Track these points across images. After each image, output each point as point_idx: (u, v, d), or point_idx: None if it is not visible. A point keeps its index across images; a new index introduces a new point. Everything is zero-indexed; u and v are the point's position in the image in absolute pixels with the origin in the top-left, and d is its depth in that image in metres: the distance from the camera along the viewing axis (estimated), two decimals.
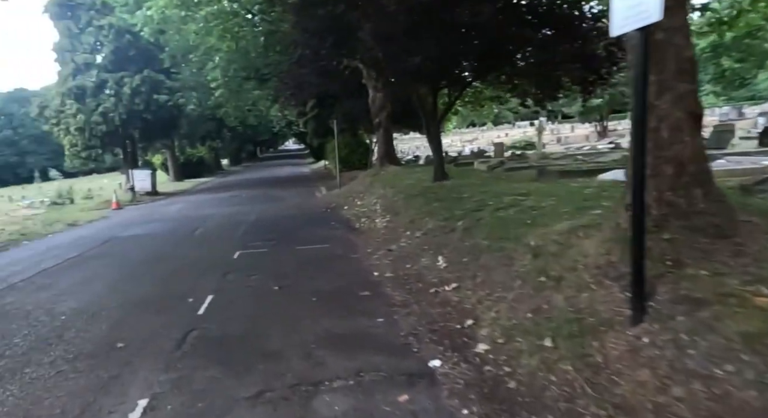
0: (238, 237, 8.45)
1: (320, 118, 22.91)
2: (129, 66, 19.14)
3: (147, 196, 19.87)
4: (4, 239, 9.88)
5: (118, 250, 8.12)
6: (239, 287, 5.18)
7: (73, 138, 19.77)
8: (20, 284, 5.96)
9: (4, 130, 75.40)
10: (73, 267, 6.83)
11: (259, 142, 63.93)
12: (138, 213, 14.57)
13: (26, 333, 4.06)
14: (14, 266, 7.22)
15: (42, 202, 20.91)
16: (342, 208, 11.45)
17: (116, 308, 4.67)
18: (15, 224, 11.81)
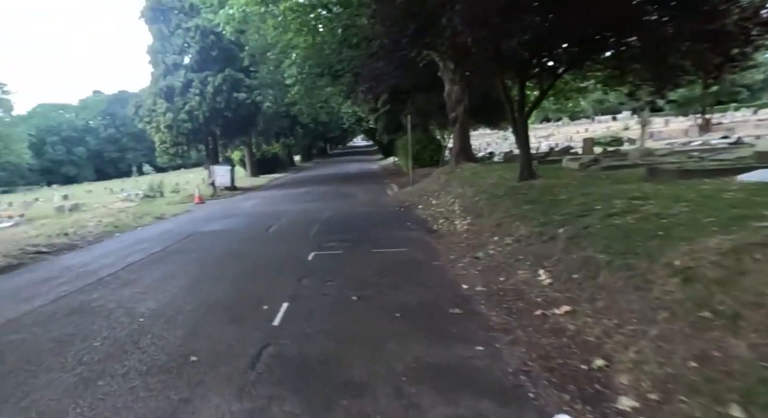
0: (311, 236, 8.20)
1: (392, 114, 22.51)
2: (212, 66, 19.98)
3: (226, 190, 20.71)
4: (101, 231, 10.49)
5: (197, 245, 8.20)
6: (315, 294, 4.79)
7: (163, 135, 21.06)
8: (107, 279, 6.07)
9: (108, 129, 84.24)
10: (156, 262, 6.92)
11: (329, 139, 65.39)
12: (217, 208, 15.07)
13: (105, 336, 3.93)
14: (105, 259, 7.50)
15: (137, 194, 22.66)
16: (416, 207, 10.90)
17: (192, 311, 4.47)
18: (111, 216, 12.63)
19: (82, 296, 5.27)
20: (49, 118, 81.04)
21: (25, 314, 4.76)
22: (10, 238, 9.50)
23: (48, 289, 5.78)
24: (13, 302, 5.27)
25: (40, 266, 7.57)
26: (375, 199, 13.63)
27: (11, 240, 9.10)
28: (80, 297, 5.24)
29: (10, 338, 4.04)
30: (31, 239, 9.28)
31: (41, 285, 6.03)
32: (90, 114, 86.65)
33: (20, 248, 8.30)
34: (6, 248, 8.16)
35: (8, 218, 15.39)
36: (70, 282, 6.03)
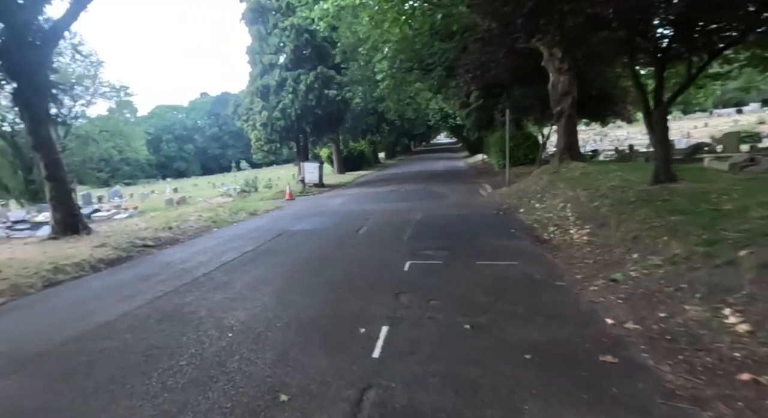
0: (405, 241, 7.54)
1: (484, 109, 21.21)
2: (305, 64, 20.31)
3: (315, 187, 20.98)
4: (200, 226, 10.83)
5: (287, 246, 7.94)
6: (418, 317, 4.07)
7: (258, 133, 21.93)
8: (202, 279, 5.93)
9: (212, 128, 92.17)
10: (247, 263, 6.71)
11: (414, 136, 64.96)
12: (306, 205, 15.12)
13: (192, 353, 3.57)
14: (202, 256, 7.52)
15: (234, 189, 23.94)
16: (517, 210, 9.78)
17: (282, 328, 3.99)
18: (210, 210, 13.13)
19: (176, 299, 5.10)
20: (164, 119, 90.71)
21: (122, 315, 4.65)
22: (123, 229, 10.11)
23: (147, 287, 5.76)
24: (114, 301, 5.26)
25: (145, 260, 7.80)
26: (468, 200, 12.65)
27: (124, 232, 9.65)
28: (174, 300, 5.07)
29: (103, 345, 3.86)
30: (140, 231, 9.77)
31: (142, 282, 6.05)
32: (198, 114, 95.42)
33: (130, 241, 8.70)
34: (118, 241, 8.59)
35: (125, 209, 16.91)
36: (167, 281, 5.98)
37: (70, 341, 4.01)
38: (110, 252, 7.91)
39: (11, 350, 3.91)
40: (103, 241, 8.55)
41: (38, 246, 8.24)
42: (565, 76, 12.69)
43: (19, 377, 3.35)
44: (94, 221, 14.37)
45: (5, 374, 3.42)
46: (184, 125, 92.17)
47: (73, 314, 4.91)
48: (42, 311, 5.16)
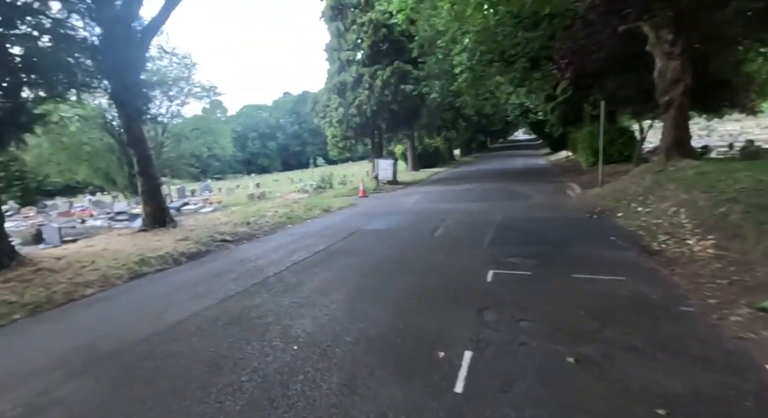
0: (485, 246, 6.85)
1: (571, 102, 19.51)
2: (381, 59, 20.08)
3: (388, 184, 20.70)
4: (276, 222, 10.95)
5: (359, 246, 7.61)
6: (507, 341, 3.45)
7: (335, 129, 22.15)
8: (272, 280, 5.76)
9: (293, 126, 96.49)
10: (318, 264, 6.46)
11: (490, 132, 62.66)
12: (380, 202, 14.83)
13: (255, 367, 3.28)
14: (274, 254, 7.43)
15: (311, 185, 24.49)
16: (614, 214, 8.62)
17: (351, 345, 3.58)
18: (286, 206, 13.32)
19: (245, 301, 4.93)
20: (250, 117, 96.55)
21: (192, 315, 4.55)
22: (205, 223, 10.48)
23: (220, 285, 5.70)
24: (187, 298, 5.24)
25: (222, 255, 7.91)
26: (554, 200, 11.53)
27: (206, 226, 9.98)
28: (244, 302, 4.91)
29: (170, 349, 3.72)
30: (220, 226, 10.06)
31: (216, 279, 6.03)
32: (280, 113, 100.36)
33: (210, 235, 8.93)
34: (199, 235, 8.85)
35: (210, 204, 17.88)
36: (239, 279, 5.90)
37: (141, 342, 3.93)
38: (191, 246, 8.13)
39: (87, 346, 3.92)
40: (187, 234, 8.85)
41: (130, 237, 8.74)
42: (676, 61, 11.03)
43: (86, 380, 3.28)
44: (183, 214, 15.34)
45: (76, 373, 3.37)
46: (268, 124, 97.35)
47: (149, 310, 4.93)
48: (123, 305, 5.27)
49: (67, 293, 5.62)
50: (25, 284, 5.61)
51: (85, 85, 8.14)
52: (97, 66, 7.55)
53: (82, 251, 7.54)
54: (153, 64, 22.79)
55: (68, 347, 3.92)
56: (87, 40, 7.91)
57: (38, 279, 5.86)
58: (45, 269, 6.24)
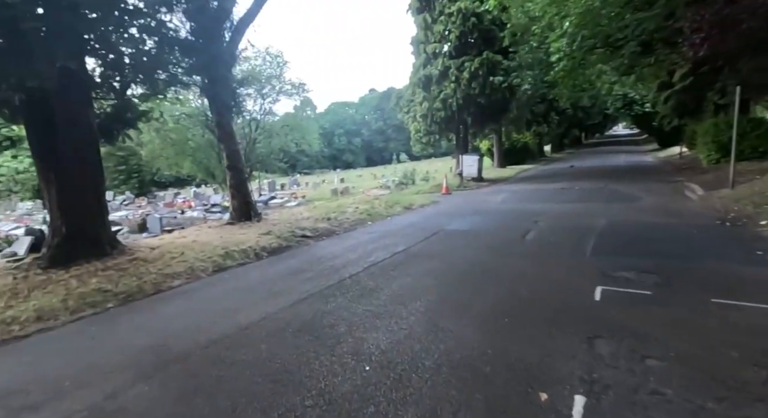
0: (589, 256, 5.92)
1: (692, 89, 17.02)
2: (469, 50, 19.15)
3: (473, 181, 19.80)
4: (356, 218, 10.77)
5: (441, 249, 7.05)
6: (632, 387, 2.70)
7: (418, 124, 21.66)
8: (348, 282, 5.44)
9: (378, 122, 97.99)
10: (396, 267, 6.02)
11: (586, 127, 57.93)
12: (464, 200, 14.08)
13: (320, 389, 2.91)
14: (352, 253, 7.16)
15: (393, 181, 24.31)
16: (755, 222, 7.12)
17: (431, 371, 3.07)
18: (367, 203, 13.15)
19: (319, 304, 4.64)
20: (337, 114, 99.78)
21: (264, 318, 4.35)
22: (288, 218, 10.62)
23: (295, 284, 5.51)
24: (263, 297, 5.10)
25: (301, 251, 7.84)
26: (669, 203, 9.96)
27: (288, 221, 10.09)
28: (317, 305, 4.62)
29: (237, 357, 3.51)
30: (302, 221, 10.11)
31: (292, 278, 5.88)
32: (366, 110, 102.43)
33: (291, 230, 8.96)
34: (281, 230, 8.92)
35: (295, 198, 18.41)
36: (314, 279, 5.67)
37: (211, 344, 3.79)
38: (273, 241, 8.17)
39: (161, 345, 3.86)
40: (270, 229, 8.96)
41: (218, 230, 9.07)
42: None
43: (153, 385, 3.15)
44: (270, 208, 15.92)
45: (145, 376, 3.27)
46: (354, 120, 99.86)
47: (224, 308, 4.85)
48: (202, 300, 5.27)
49: (156, 283, 5.81)
50: (120, 273, 5.90)
51: (181, 82, 8.54)
52: (191, 62, 7.85)
53: (175, 242, 7.91)
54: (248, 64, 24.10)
55: (144, 344, 3.90)
56: (183, 38, 8.27)
57: (132, 268, 6.15)
58: (139, 258, 6.57)
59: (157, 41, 8.55)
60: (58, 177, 6.42)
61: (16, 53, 4.24)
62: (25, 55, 4.36)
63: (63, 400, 2.96)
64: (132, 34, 8.33)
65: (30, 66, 4.37)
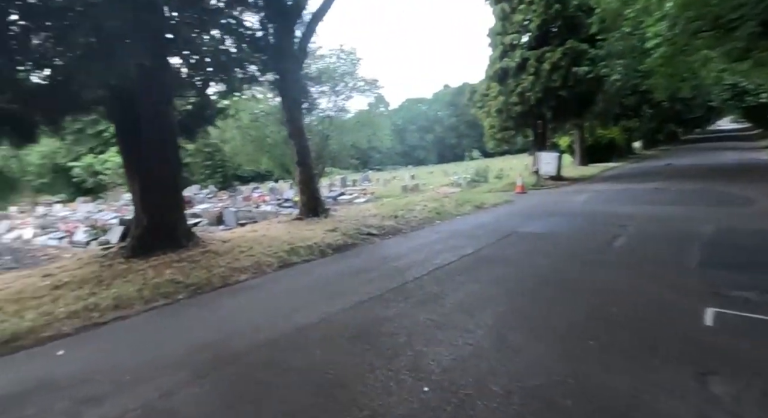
0: (694, 269, 5.06)
1: None
2: (551, 40, 17.88)
3: (550, 180, 18.54)
4: (424, 217, 10.42)
5: (513, 254, 6.47)
6: None
7: (492, 120, 20.73)
8: (410, 286, 5.12)
9: (451, 118, 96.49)
10: (463, 272, 5.59)
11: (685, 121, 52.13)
12: (540, 200, 13.13)
13: (375, 409, 2.64)
14: (417, 253, 6.83)
15: (464, 178, 23.56)
16: None
17: (500, 399, 2.66)
18: (436, 201, 12.73)
19: (378, 309, 4.38)
20: (410, 111, 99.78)
21: (322, 320, 4.18)
22: (355, 215, 10.54)
23: (357, 285, 5.31)
24: (323, 297, 4.95)
25: (366, 250, 7.66)
26: None
27: (354, 218, 10.00)
28: (377, 310, 4.37)
29: (290, 361, 3.36)
30: (368, 218, 9.96)
31: (354, 278, 5.69)
32: (439, 106, 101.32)
33: (357, 228, 8.83)
34: (347, 227, 8.82)
35: (363, 195, 18.43)
36: (376, 281, 5.42)
37: (266, 345, 3.68)
38: (338, 238, 8.09)
39: (218, 342, 3.83)
40: (336, 226, 8.91)
41: (286, 225, 9.21)
42: None
43: (205, 386, 3.09)
44: (339, 204, 16.06)
45: (199, 376, 3.23)
46: (426, 116, 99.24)
47: (284, 306, 4.78)
48: (265, 297, 5.25)
49: (224, 277, 5.92)
50: (192, 265, 6.11)
51: (255, 80, 8.75)
52: (263, 60, 8.00)
53: (245, 236, 8.12)
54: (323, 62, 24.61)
55: (204, 340, 3.90)
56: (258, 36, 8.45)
57: (204, 261, 6.35)
58: (211, 251, 6.79)
59: (235, 40, 8.81)
60: (141, 173, 6.84)
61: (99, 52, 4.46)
62: (107, 54, 4.58)
63: (122, 395, 2.98)
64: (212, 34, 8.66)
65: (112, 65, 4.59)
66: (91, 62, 4.43)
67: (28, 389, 3.15)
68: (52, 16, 4.50)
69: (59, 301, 4.80)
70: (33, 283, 5.41)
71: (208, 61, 8.37)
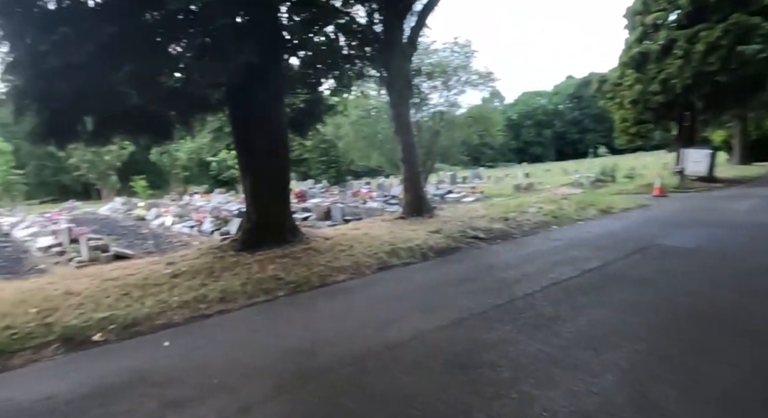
0: None
1: None
2: (709, 16, 14.98)
3: (699, 181, 15.72)
4: (538, 220, 9.40)
5: (655, 272, 5.33)
6: None
7: (626, 112, 18.24)
8: (519, 304, 4.44)
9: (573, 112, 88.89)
10: (587, 292, 4.71)
11: None
12: (685, 205, 11.08)
13: None
14: (529, 264, 6.03)
15: (587, 177, 21.23)
16: None
17: None
18: (553, 202, 11.47)
19: (480, 330, 3.82)
20: (527, 105, 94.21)
21: (414, 338, 3.76)
22: (461, 215, 9.91)
23: (456, 298, 4.79)
24: (419, 308, 4.54)
25: (470, 256, 7.07)
26: None
27: (460, 218, 9.39)
28: (477, 331, 3.81)
29: (374, 385, 3.00)
30: (476, 220, 9.28)
31: (454, 289, 5.17)
32: (560, 99, 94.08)
33: (462, 230, 8.25)
34: (452, 229, 8.29)
35: (472, 193, 17.55)
36: (480, 294, 4.83)
37: (352, 362, 3.37)
38: (441, 240, 7.61)
39: (305, 351, 3.64)
40: (440, 226, 8.43)
41: (389, 224, 8.97)
42: None
43: (285, 403, 2.89)
44: (447, 202, 15.48)
45: (281, 390, 3.04)
46: (545, 110, 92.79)
47: (377, 317, 4.46)
48: (359, 303, 5.01)
49: (323, 276, 5.85)
50: (294, 262, 6.16)
51: (365, 75, 8.65)
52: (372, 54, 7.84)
53: (348, 234, 8.07)
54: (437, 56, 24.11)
55: (292, 346, 3.76)
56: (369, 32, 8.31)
57: (305, 258, 6.38)
58: (313, 248, 6.81)
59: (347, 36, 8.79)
60: (252, 169, 7.14)
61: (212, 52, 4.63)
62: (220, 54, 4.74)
63: (203, 403, 2.90)
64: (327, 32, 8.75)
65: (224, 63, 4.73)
66: (204, 62, 4.61)
67: (125, 381, 3.25)
68: (172, 19, 4.83)
69: (174, 290, 5.13)
70: (158, 270, 5.93)
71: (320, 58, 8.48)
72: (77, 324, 4.20)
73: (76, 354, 3.83)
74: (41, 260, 9.25)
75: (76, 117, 6.16)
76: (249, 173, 7.27)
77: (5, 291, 5.19)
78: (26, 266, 8.77)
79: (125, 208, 21.51)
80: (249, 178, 7.28)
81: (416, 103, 9.26)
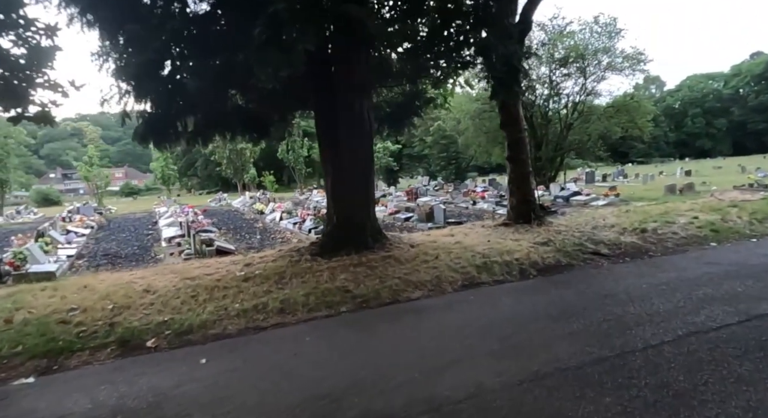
0: None
1: None
2: None
3: None
4: (689, 234, 7.35)
5: None
6: None
7: None
8: (636, 362, 3.16)
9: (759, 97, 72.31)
10: (749, 354, 3.18)
11: None
12: None
13: None
14: (662, 297, 4.48)
15: None
16: None
17: None
18: (714, 210, 8.95)
19: (553, 404, 2.73)
20: (694, 90, 79.83)
21: (470, 397, 2.85)
22: (581, 224, 8.27)
23: (547, 339, 3.68)
24: (492, 351, 3.57)
25: (582, 276, 5.69)
26: None
27: (580, 228, 7.82)
28: (549, 405, 2.73)
29: None
30: (600, 230, 7.66)
31: (545, 323, 4.04)
32: (741, 81, 77.77)
33: (579, 243, 6.80)
34: (565, 241, 6.90)
35: (605, 195, 14.95)
36: (579, 337, 3.63)
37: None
38: (549, 255, 6.33)
39: (328, 398, 3.01)
40: (550, 237, 7.09)
41: (489, 232, 7.83)
42: None
43: None
44: (571, 206, 13.45)
45: None
46: (719, 96, 77.48)
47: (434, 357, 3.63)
48: (428, 333, 4.14)
49: (395, 291, 5.20)
50: (368, 272, 5.62)
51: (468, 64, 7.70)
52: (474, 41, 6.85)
53: (438, 240, 7.25)
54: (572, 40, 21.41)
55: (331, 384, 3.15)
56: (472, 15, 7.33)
57: (381, 268, 5.78)
58: (393, 257, 6.17)
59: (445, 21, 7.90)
60: (335, 167, 6.80)
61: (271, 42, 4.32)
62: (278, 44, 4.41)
63: None
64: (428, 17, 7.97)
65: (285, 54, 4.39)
66: (267, 51, 4.35)
67: (134, 409, 2.98)
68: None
69: (239, 295, 4.99)
70: (233, 271, 5.93)
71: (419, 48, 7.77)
72: (137, 326, 4.25)
73: (124, 361, 3.81)
74: (162, 250, 10.38)
75: (179, 118, 6.52)
76: (330, 171, 6.97)
77: (104, 283, 5.66)
78: (151, 256, 9.90)
79: (251, 201, 23.78)
80: (330, 176, 6.99)
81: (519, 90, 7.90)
